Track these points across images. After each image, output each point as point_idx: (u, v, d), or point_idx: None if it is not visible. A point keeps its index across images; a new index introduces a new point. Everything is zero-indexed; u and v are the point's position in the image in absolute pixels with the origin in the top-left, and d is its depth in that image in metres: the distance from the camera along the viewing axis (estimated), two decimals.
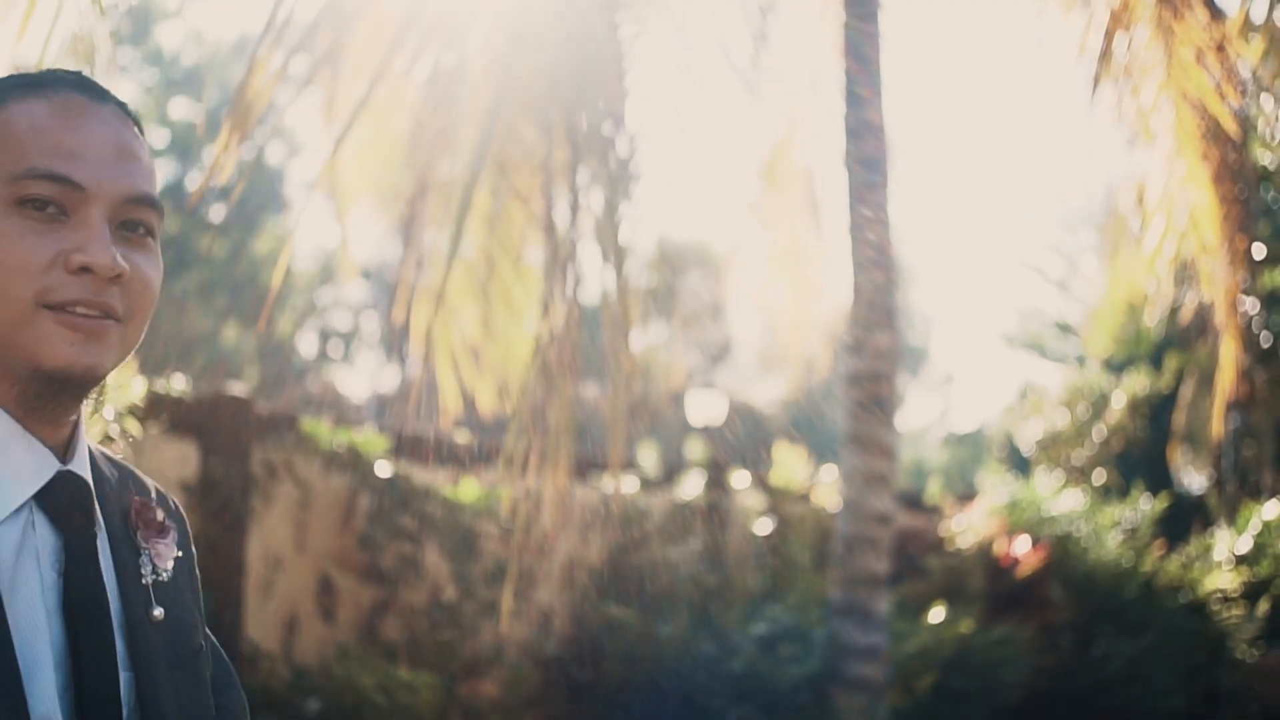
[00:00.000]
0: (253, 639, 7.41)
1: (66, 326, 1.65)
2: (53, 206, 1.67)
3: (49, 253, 1.64)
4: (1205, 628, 13.80)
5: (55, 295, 1.65)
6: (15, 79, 1.78)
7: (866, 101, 9.14)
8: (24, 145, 1.69)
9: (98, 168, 1.71)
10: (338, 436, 7.87)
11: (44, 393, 1.71)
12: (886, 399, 8.89)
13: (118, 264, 1.69)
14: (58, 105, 1.73)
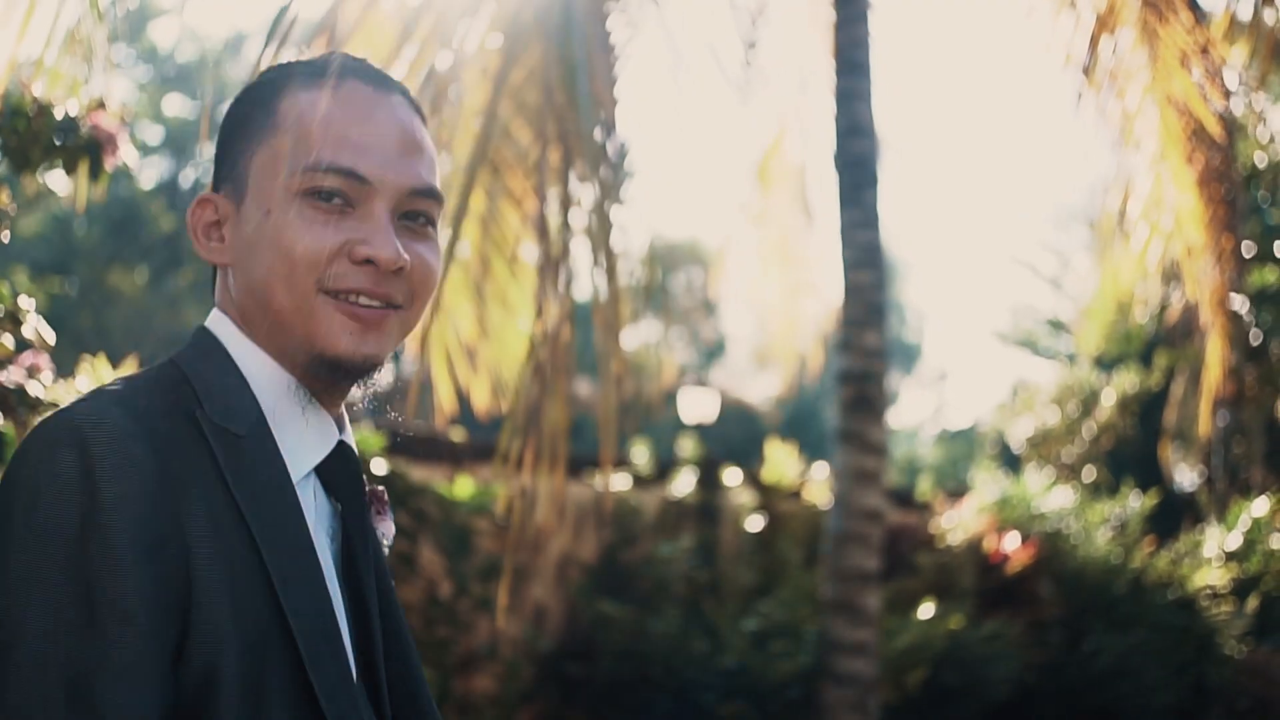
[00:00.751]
0: None
1: (347, 315, 1.76)
2: (338, 198, 1.76)
3: (334, 242, 1.73)
4: (1194, 624, 13.85)
5: (338, 283, 1.75)
6: (299, 66, 1.86)
7: (857, 103, 9.21)
8: (311, 136, 1.76)
9: (383, 161, 1.78)
10: None
11: (323, 375, 1.81)
12: (877, 397, 8.95)
13: (401, 257, 1.78)
14: (344, 96, 1.80)
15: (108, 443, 1.58)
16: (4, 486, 1.61)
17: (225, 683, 1.60)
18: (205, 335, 1.85)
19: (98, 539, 1.53)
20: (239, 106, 1.90)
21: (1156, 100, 8.61)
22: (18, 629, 1.52)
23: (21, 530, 1.56)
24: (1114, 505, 14.82)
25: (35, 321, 3.79)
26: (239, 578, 1.64)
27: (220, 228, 1.86)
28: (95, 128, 3.97)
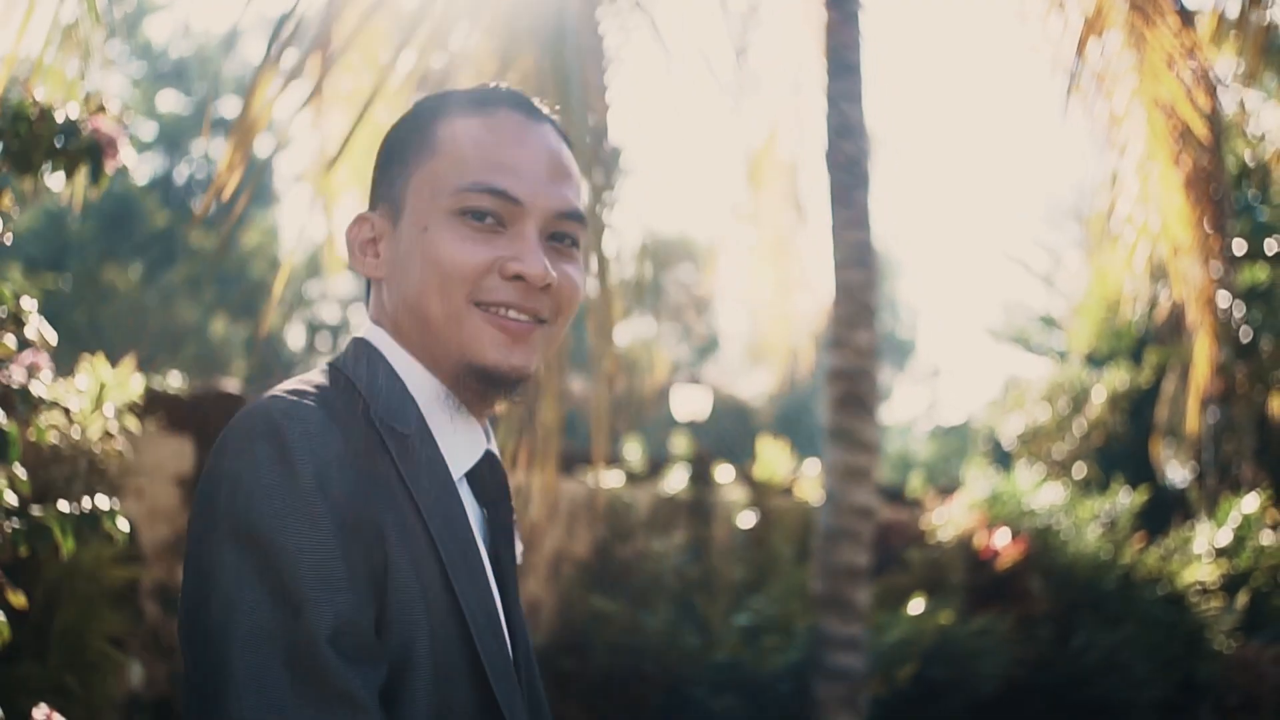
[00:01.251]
0: None
1: (496, 328, 1.87)
2: (491, 217, 1.87)
3: (486, 259, 1.84)
4: (1183, 619, 13.91)
5: (488, 295, 1.86)
6: (458, 95, 1.96)
7: (848, 104, 9.27)
8: (467, 160, 1.87)
9: (534, 184, 1.89)
10: None
11: (473, 385, 1.91)
12: (867, 395, 9.01)
13: (549, 274, 1.88)
14: (498, 123, 1.90)
15: (303, 433, 1.71)
16: (206, 479, 1.73)
17: (420, 660, 1.73)
18: (363, 344, 1.96)
19: (301, 521, 1.65)
20: (396, 132, 2.01)
21: (1144, 102, 8.68)
22: (234, 610, 1.62)
23: (227, 518, 1.66)
24: (1104, 502, 14.87)
25: (37, 322, 3.85)
26: (420, 565, 1.76)
27: (376, 244, 1.97)
28: (96, 131, 4.03)
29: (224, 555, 1.65)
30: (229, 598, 1.63)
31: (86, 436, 5.54)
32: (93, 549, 5.36)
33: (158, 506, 6.97)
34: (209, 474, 1.73)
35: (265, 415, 1.73)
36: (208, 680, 1.63)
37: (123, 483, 5.87)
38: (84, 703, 5.18)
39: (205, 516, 1.70)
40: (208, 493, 1.71)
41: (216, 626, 1.63)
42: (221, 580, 1.64)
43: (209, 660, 1.63)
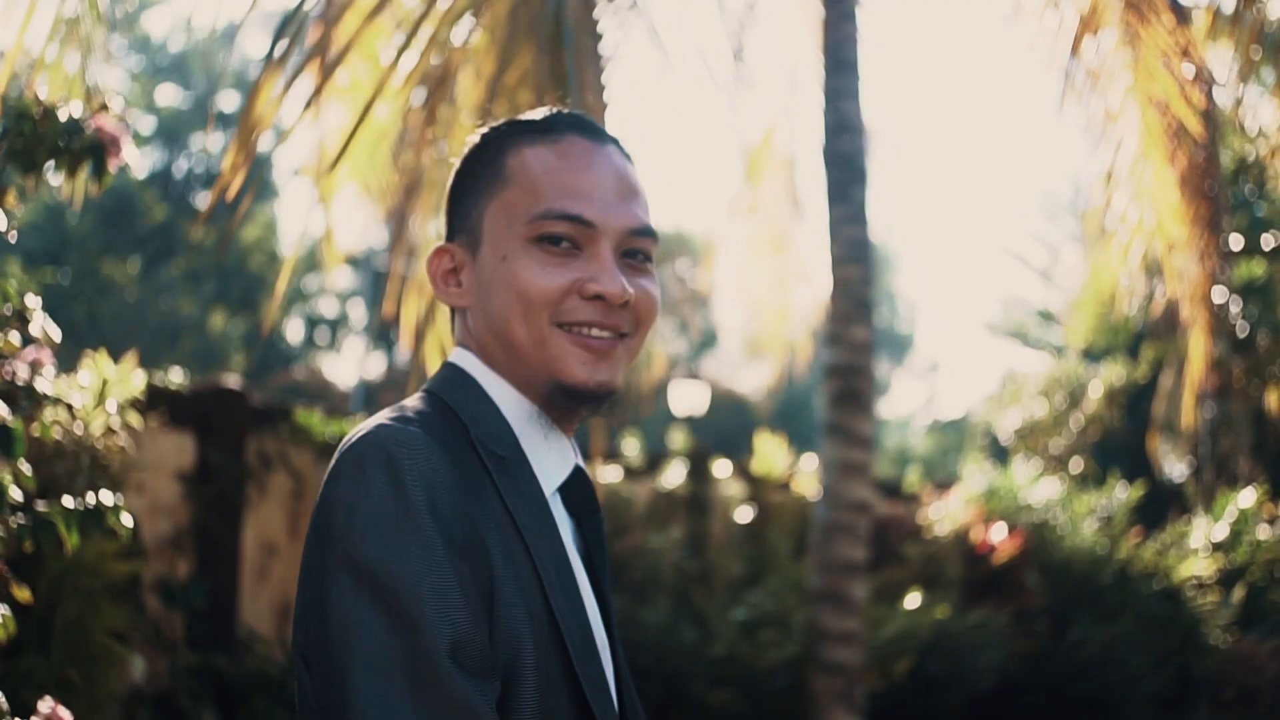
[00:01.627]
0: (248, 623, 7.60)
1: (581, 346, 1.94)
2: (566, 241, 1.93)
3: (565, 282, 1.91)
4: (1179, 613, 13.93)
5: (570, 316, 1.93)
6: (520, 125, 2.04)
7: (845, 100, 9.31)
8: (539, 188, 1.94)
9: (605, 206, 1.96)
10: (330, 427, 8.03)
11: (561, 403, 1.99)
12: (864, 391, 9.05)
13: (627, 291, 1.95)
14: (564, 149, 1.98)
15: (413, 459, 1.78)
16: (322, 506, 1.80)
17: (525, 674, 1.80)
18: (454, 370, 2.04)
19: (416, 544, 1.72)
20: (467, 164, 2.09)
21: (1138, 100, 8.72)
22: (354, 633, 1.69)
23: (343, 544, 1.74)
24: (1100, 496, 14.88)
25: (42, 320, 3.89)
26: (523, 582, 1.84)
27: (457, 274, 2.05)
28: (99, 130, 4.07)
29: (341, 580, 1.72)
30: (348, 621, 1.70)
31: (89, 432, 5.58)
32: (95, 544, 5.39)
33: (159, 501, 7.02)
34: (324, 501, 1.81)
35: (376, 443, 1.80)
36: (332, 703, 1.70)
37: (124, 478, 5.90)
38: (86, 696, 5.22)
39: (321, 544, 1.78)
40: (323, 520, 1.79)
41: (337, 650, 1.71)
42: (340, 605, 1.71)
43: (332, 683, 1.71)
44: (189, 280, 37.09)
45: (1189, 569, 14.40)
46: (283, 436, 7.91)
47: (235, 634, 7.36)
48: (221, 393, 7.42)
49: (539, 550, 1.88)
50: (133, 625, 6.13)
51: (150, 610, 6.73)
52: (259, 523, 7.79)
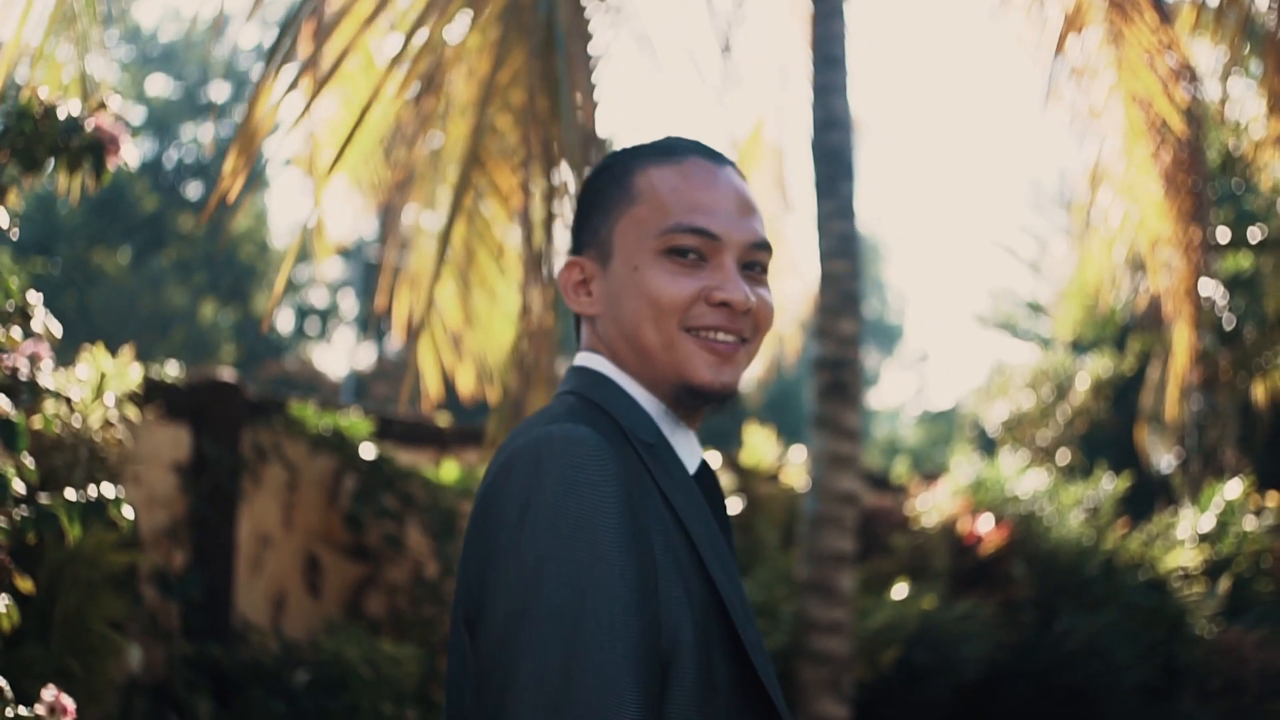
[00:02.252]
0: (243, 614, 7.67)
1: (707, 350, 2.10)
2: (693, 254, 2.09)
3: (693, 290, 2.06)
4: (1165, 604, 13.99)
5: (697, 322, 2.09)
6: (646, 148, 2.21)
7: (833, 96, 9.37)
8: (667, 205, 2.10)
9: (728, 221, 2.12)
10: (324, 420, 8.10)
11: (687, 402, 2.15)
12: (851, 384, 9.12)
13: (749, 299, 2.11)
14: (688, 169, 2.14)
15: (585, 453, 1.93)
16: (493, 498, 1.96)
17: (686, 646, 1.95)
18: (589, 372, 2.21)
19: (588, 534, 1.87)
20: (594, 184, 2.26)
21: (1122, 97, 8.81)
22: (528, 611, 1.83)
23: (517, 532, 1.88)
24: (1087, 488, 14.95)
25: (43, 316, 3.97)
26: (680, 559, 1.99)
27: (587, 285, 2.21)
28: (98, 128, 4.14)
29: (516, 566, 1.87)
30: (525, 601, 1.85)
31: (87, 425, 5.66)
32: (94, 535, 5.47)
33: (155, 493, 7.08)
34: (498, 496, 1.96)
35: (548, 440, 1.96)
36: (502, 687, 1.84)
37: (121, 470, 5.97)
38: (85, 685, 5.29)
39: (494, 533, 1.93)
40: (495, 511, 1.94)
41: (507, 636, 1.85)
42: (518, 585, 1.86)
43: (504, 666, 1.84)
44: (179, 270, 37.08)
45: (1175, 560, 14.47)
46: (277, 429, 7.97)
47: (230, 624, 7.42)
48: (217, 386, 7.49)
49: (695, 529, 2.04)
50: (130, 616, 6.20)
51: (147, 601, 6.80)
52: (254, 514, 7.86)
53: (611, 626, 1.83)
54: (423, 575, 8.60)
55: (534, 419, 2.10)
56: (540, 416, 2.10)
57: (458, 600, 2.06)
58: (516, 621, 1.84)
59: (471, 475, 8.77)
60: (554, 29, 6.24)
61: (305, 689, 7.14)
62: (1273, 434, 21.60)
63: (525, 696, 1.80)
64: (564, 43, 6.18)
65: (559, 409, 2.10)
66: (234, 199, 5.84)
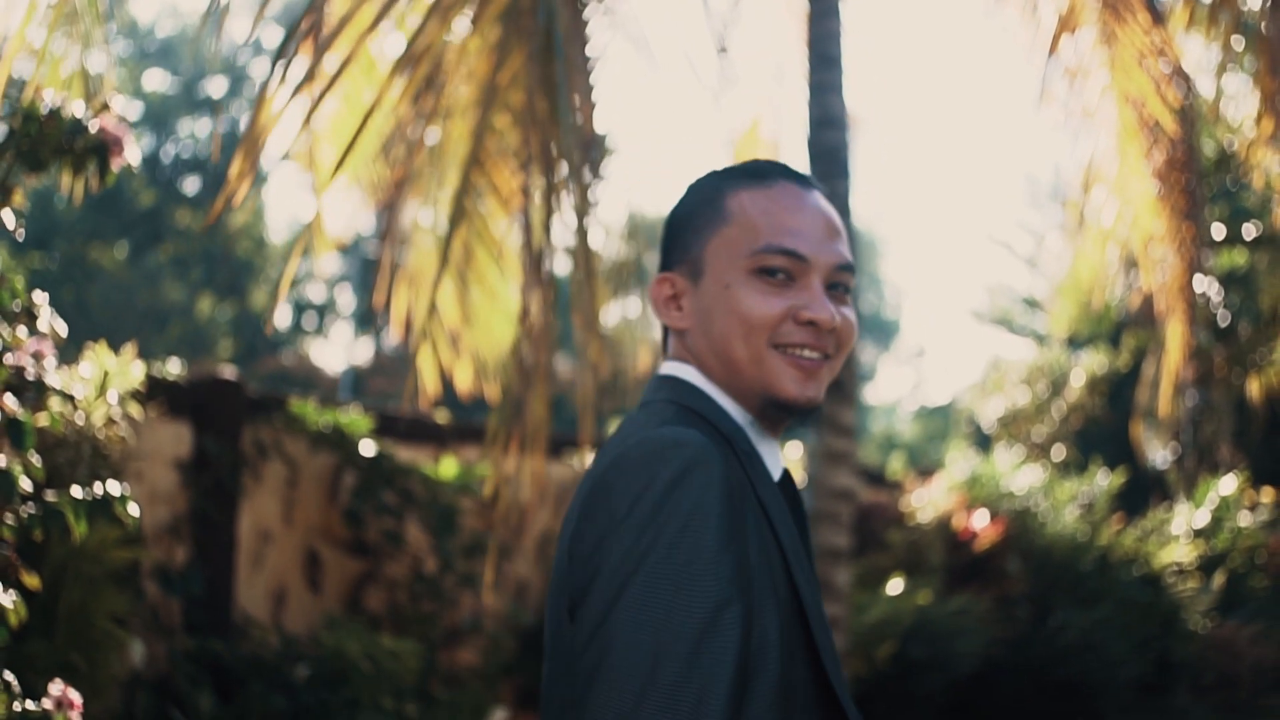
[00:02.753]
0: (244, 608, 7.73)
1: (793, 366, 2.20)
2: (782, 274, 2.19)
3: (782, 309, 2.16)
4: (1159, 599, 14.05)
5: (784, 339, 2.20)
6: (736, 171, 2.31)
7: (829, 95, 9.42)
8: (758, 226, 2.20)
9: (815, 243, 2.22)
10: (324, 417, 8.16)
11: (772, 414, 2.26)
12: (847, 381, 9.16)
13: (835, 318, 2.21)
14: (778, 193, 2.25)
15: (694, 456, 2.02)
16: (603, 493, 2.06)
17: (771, 646, 2.05)
18: (681, 383, 2.31)
19: (692, 533, 1.96)
20: (686, 205, 2.36)
21: (1116, 97, 8.87)
22: (624, 599, 1.93)
23: (625, 525, 1.98)
24: (1082, 483, 15.01)
25: (49, 316, 4.02)
26: (771, 563, 2.11)
27: (678, 300, 2.32)
28: (103, 130, 4.19)
29: (626, 563, 1.96)
30: (637, 591, 1.94)
31: (90, 422, 5.72)
32: (98, 531, 5.53)
33: (157, 489, 7.15)
34: (608, 491, 2.06)
35: (660, 441, 2.06)
36: (594, 668, 1.94)
37: (124, 467, 6.04)
38: (89, 680, 5.34)
39: (606, 529, 2.02)
40: (607, 508, 2.03)
41: (628, 628, 1.93)
42: (634, 576, 1.95)
43: (597, 649, 1.94)
44: (176, 266, 37.11)
45: (1170, 555, 14.52)
46: (277, 426, 8.04)
47: (231, 619, 7.49)
48: (218, 383, 7.55)
49: (783, 535, 2.15)
50: (132, 611, 6.26)
51: (149, 596, 6.87)
52: (254, 510, 7.93)
53: (703, 621, 1.91)
54: (422, 571, 8.67)
55: (640, 421, 2.21)
56: (647, 420, 2.20)
57: (558, 590, 2.16)
58: (612, 608, 1.94)
59: (470, 472, 8.84)
60: (553, 34, 6.31)
61: (306, 684, 7.21)
62: (1268, 430, 21.66)
63: (615, 679, 1.90)
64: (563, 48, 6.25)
65: (666, 414, 2.21)
66: (239, 202, 5.90)
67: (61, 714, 3.57)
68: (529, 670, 9.97)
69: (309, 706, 7.04)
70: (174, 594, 7.00)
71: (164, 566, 7.02)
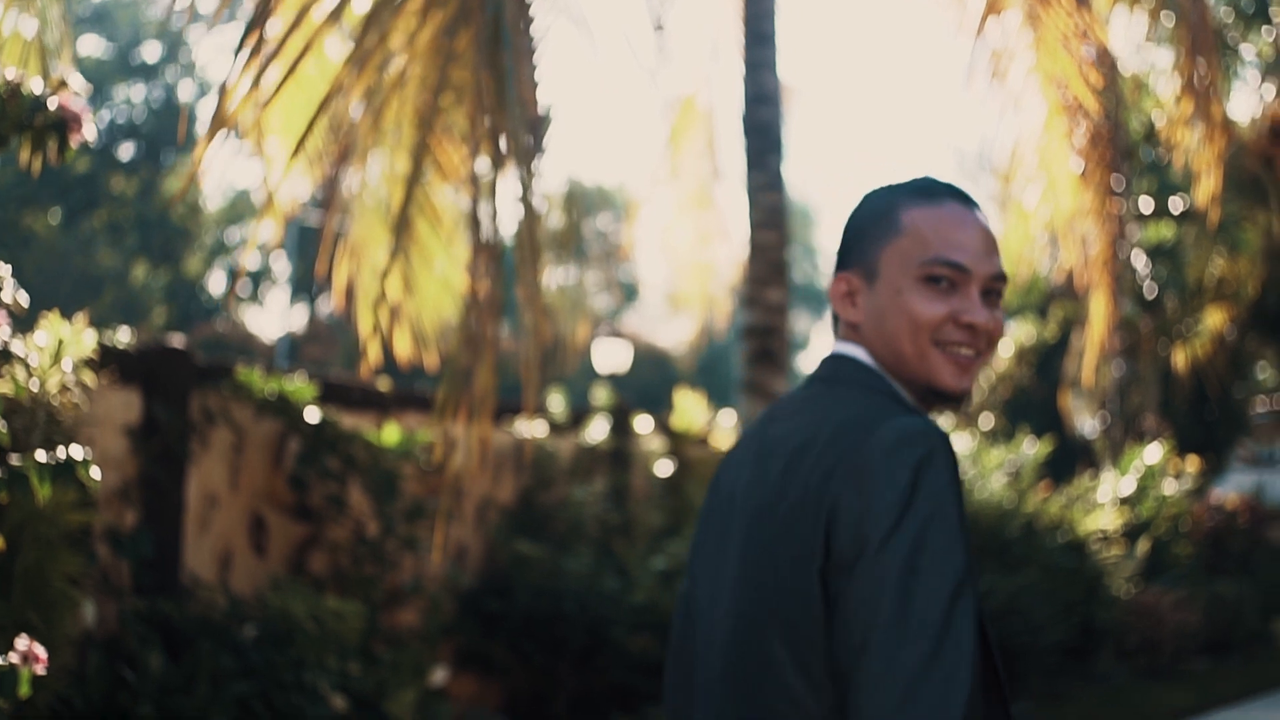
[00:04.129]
0: (192, 571, 7.90)
1: (952, 362, 2.52)
2: (945, 282, 2.49)
3: (945, 312, 2.47)
4: (1084, 566, 14.33)
5: (945, 337, 2.51)
6: (909, 188, 2.61)
7: (763, 72, 9.63)
8: (928, 240, 2.50)
9: (976, 256, 2.54)
10: (270, 385, 8.32)
11: (930, 401, 2.56)
12: (779, 351, 9.37)
13: (989, 322, 2.51)
14: (946, 211, 2.54)
15: (948, 446, 2.34)
16: (878, 468, 2.32)
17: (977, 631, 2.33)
18: (860, 364, 2.60)
19: (951, 511, 2.28)
20: (862, 214, 2.66)
21: (1041, 78, 9.10)
22: (931, 562, 2.22)
23: (909, 498, 2.27)
24: (1009, 452, 15.24)
25: (12, 288, 4.15)
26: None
27: (853, 297, 2.61)
28: (63, 107, 4.31)
29: (908, 535, 2.25)
30: (930, 553, 2.23)
31: (45, 389, 5.87)
32: (54, 494, 5.66)
33: (108, 455, 7.29)
34: (884, 464, 2.31)
35: (922, 430, 2.34)
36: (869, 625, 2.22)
37: (77, 433, 6.17)
38: (45, 638, 5.47)
39: (884, 501, 2.29)
40: (887, 480, 2.30)
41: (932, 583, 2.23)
42: (933, 548, 2.24)
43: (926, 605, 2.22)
44: (111, 232, 36.99)
45: (1095, 522, 14.80)
46: (225, 393, 8.19)
47: (179, 581, 7.65)
48: (167, 351, 7.71)
49: (964, 519, 2.42)
50: (84, 572, 6.40)
51: (100, 558, 7.03)
52: (202, 475, 8.09)
53: (956, 591, 2.22)
54: (364, 535, 8.83)
55: (874, 406, 2.48)
56: (881, 406, 2.47)
57: (806, 548, 2.36)
58: (897, 570, 2.22)
59: (411, 439, 9.00)
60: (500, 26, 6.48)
61: (253, 643, 7.37)
62: (1193, 400, 22.00)
63: (897, 632, 2.20)
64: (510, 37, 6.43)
65: (892, 407, 2.48)
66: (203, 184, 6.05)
67: (27, 668, 3.70)
68: (468, 631, 10.16)
69: (256, 665, 7.21)
70: (124, 556, 7.15)
71: (114, 529, 7.18)
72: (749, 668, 2.39)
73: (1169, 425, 21.30)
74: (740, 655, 2.41)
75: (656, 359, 38.45)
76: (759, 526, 2.43)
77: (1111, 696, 13.95)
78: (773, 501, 2.42)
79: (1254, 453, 31.53)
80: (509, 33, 6.47)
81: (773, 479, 2.45)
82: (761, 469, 2.50)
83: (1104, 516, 15.20)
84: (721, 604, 2.49)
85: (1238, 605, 17.66)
